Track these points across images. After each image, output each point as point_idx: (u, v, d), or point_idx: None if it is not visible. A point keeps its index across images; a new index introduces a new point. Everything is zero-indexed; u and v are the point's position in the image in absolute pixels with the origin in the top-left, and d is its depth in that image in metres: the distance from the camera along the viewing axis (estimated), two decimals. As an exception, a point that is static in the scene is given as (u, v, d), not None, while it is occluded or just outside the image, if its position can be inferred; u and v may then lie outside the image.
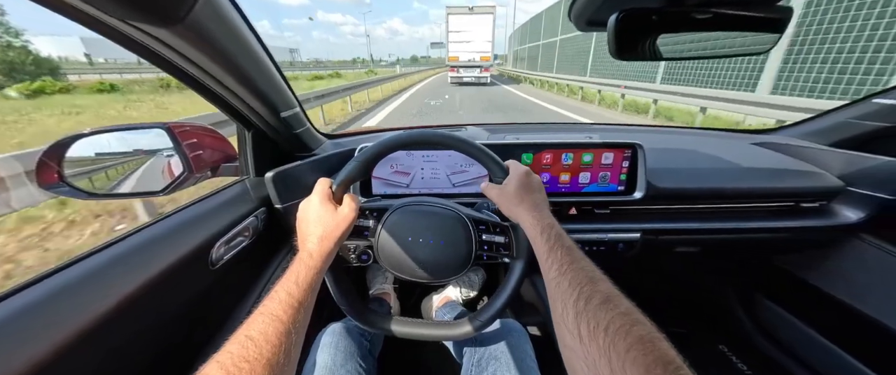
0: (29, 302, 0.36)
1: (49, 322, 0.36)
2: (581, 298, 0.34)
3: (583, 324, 0.32)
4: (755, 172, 0.93)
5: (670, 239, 0.92)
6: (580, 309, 0.33)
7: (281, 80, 0.65)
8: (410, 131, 0.54)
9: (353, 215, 0.49)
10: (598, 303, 0.33)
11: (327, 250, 0.45)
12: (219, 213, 0.63)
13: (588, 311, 0.32)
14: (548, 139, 0.84)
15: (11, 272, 1.88)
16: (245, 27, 0.48)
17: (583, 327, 0.31)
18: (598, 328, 0.30)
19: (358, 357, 0.68)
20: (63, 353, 0.35)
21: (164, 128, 0.65)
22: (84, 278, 0.41)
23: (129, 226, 0.61)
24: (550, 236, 0.43)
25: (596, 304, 0.33)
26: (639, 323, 0.30)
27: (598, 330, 0.30)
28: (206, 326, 0.61)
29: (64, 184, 0.59)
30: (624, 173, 0.85)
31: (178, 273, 0.50)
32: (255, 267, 0.75)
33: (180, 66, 0.45)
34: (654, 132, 1.31)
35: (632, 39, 0.44)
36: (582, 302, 0.33)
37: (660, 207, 0.92)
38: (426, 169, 0.86)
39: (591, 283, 0.35)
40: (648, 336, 0.29)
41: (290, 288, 0.38)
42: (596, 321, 0.31)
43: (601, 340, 0.29)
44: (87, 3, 0.29)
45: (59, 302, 0.38)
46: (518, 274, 0.53)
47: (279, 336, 0.33)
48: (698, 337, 1.24)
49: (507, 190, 0.52)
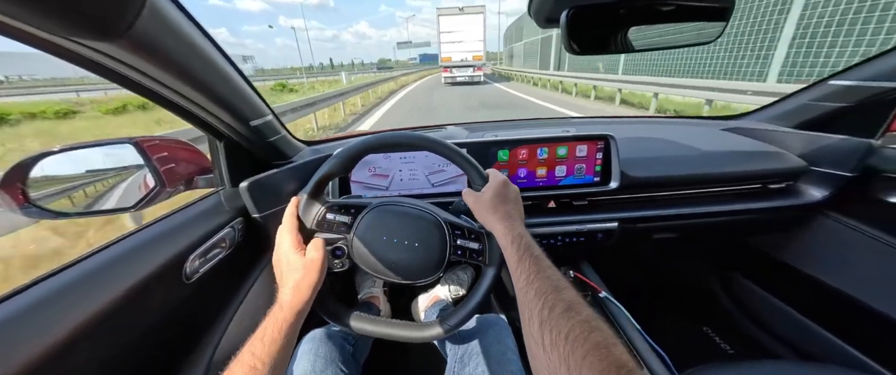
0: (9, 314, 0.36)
1: (8, 344, 0.35)
2: (545, 307, 0.35)
3: (546, 333, 0.32)
4: (725, 157, 0.96)
5: (647, 227, 0.95)
6: (544, 317, 0.34)
7: (247, 89, 0.64)
8: (390, 133, 0.55)
9: (321, 256, 0.49)
10: (561, 312, 0.33)
11: (302, 299, 0.46)
12: (192, 225, 0.63)
13: (551, 320, 0.33)
14: (522, 135, 0.85)
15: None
16: (199, 36, 0.47)
17: (546, 336, 0.32)
18: (560, 336, 0.31)
19: (339, 363, 0.68)
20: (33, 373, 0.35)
21: (132, 143, 0.64)
22: (48, 298, 0.40)
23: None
24: (520, 245, 0.44)
25: (559, 313, 0.33)
26: (596, 330, 0.31)
27: (559, 338, 0.31)
28: (183, 340, 0.61)
29: (31, 205, 0.58)
30: (598, 165, 0.87)
31: (150, 287, 0.50)
32: (234, 279, 0.74)
33: (136, 80, 0.44)
34: (627, 123, 1.34)
35: (583, 34, 0.45)
36: (546, 310, 0.34)
37: (636, 196, 0.94)
38: (404, 170, 0.86)
39: (555, 292, 0.36)
40: (604, 342, 0.30)
41: (255, 347, 0.39)
42: (558, 329, 0.32)
43: (561, 348, 0.30)
44: (20, 21, 0.28)
45: (22, 323, 0.37)
46: (488, 281, 0.54)
47: None
48: (682, 321, 1.27)
49: (483, 198, 0.53)
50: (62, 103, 11.90)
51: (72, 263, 0.47)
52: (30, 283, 0.42)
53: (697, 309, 1.32)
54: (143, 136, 0.66)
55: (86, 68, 0.39)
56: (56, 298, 0.41)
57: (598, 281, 0.94)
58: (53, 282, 0.42)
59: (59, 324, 0.39)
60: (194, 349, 0.61)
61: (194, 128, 0.66)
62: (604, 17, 0.45)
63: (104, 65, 0.39)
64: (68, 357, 0.39)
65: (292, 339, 0.43)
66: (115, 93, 15.02)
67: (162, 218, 0.63)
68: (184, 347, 0.60)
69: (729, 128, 1.15)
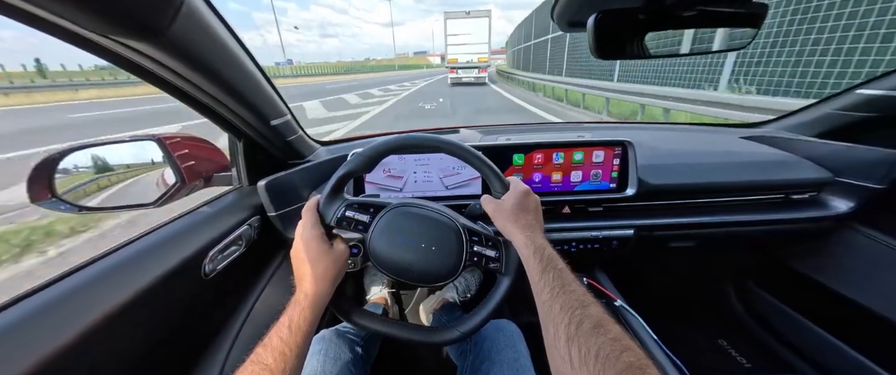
0: (12, 321, 0.36)
1: (35, 337, 0.36)
2: (572, 323, 0.34)
3: (574, 349, 0.32)
4: (745, 166, 0.94)
5: (664, 235, 0.93)
6: (571, 333, 0.33)
7: (269, 89, 0.65)
8: (412, 134, 0.55)
9: (343, 250, 0.51)
10: (589, 328, 0.33)
11: (323, 291, 0.46)
12: (212, 223, 0.63)
13: (579, 336, 0.33)
14: (538, 139, 0.85)
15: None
16: (229, 37, 0.48)
17: (574, 352, 0.32)
18: (589, 354, 0.31)
19: (350, 364, 0.68)
20: (52, 367, 0.35)
21: (155, 140, 0.65)
22: (73, 292, 0.41)
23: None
24: (543, 258, 0.44)
25: (587, 329, 0.33)
26: (628, 350, 0.30)
27: (588, 356, 0.30)
28: (201, 336, 0.61)
29: (56, 198, 0.59)
30: (615, 170, 0.85)
31: (171, 283, 0.50)
32: (249, 276, 0.75)
33: (166, 78, 0.45)
34: (644, 129, 1.32)
35: (611, 39, 0.44)
36: (573, 326, 0.34)
37: (653, 203, 0.92)
38: (419, 172, 0.86)
39: (581, 307, 0.35)
40: (637, 363, 0.29)
41: (282, 332, 0.39)
42: (587, 346, 0.31)
43: (591, 365, 0.30)
44: (66, 20, 0.29)
45: (49, 316, 0.38)
46: (504, 290, 0.54)
47: None
48: (698, 332, 1.25)
49: (503, 206, 0.53)
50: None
51: (98, 257, 0.48)
52: (58, 277, 0.43)
53: (713, 320, 1.29)
54: (165, 133, 0.67)
55: (121, 66, 0.40)
56: (81, 292, 0.42)
57: (612, 289, 0.93)
58: (80, 277, 0.43)
59: (83, 318, 0.40)
60: (212, 344, 0.61)
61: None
62: (632, 21, 0.44)
63: (139, 64, 0.40)
64: (91, 350, 0.40)
65: (314, 330, 0.43)
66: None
67: (183, 214, 0.64)
68: (202, 342, 0.60)
69: (748, 136, 1.12)
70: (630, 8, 0.44)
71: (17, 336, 0.35)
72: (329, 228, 0.53)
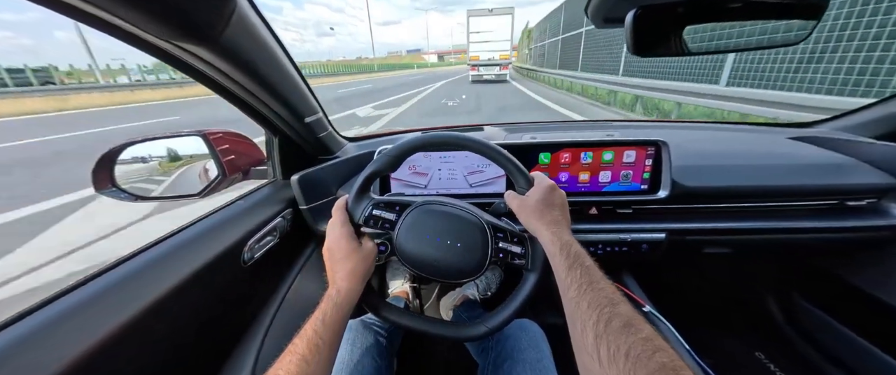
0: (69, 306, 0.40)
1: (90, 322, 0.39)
2: (601, 320, 0.33)
3: (603, 347, 0.31)
4: (794, 168, 0.87)
5: (698, 240, 0.88)
6: (600, 331, 0.33)
7: (305, 88, 0.68)
8: (438, 133, 0.56)
9: (373, 247, 0.53)
10: (619, 327, 0.32)
11: (355, 286, 0.48)
12: (250, 214, 0.67)
13: (608, 334, 0.32)
14: (565, 137, 0.83)
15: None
16: (273, 40, 0.51)
17: (603, 350, 0.31)
18: (619, 352, 0.30)
19: (374, 353, 0.70)
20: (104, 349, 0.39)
21: (201, 135, 0.69)
22: (129, 277, 0.45)
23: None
24: (570, 254, 0.43)
25: (616, 328, 0.32)
26: (661, 350, 0.29)
27: (618, 355, 0.30)
28: (239, 320, 0.65)
29: (116, 188, 0.65)
30: (647, 171, 0.82)
31: (215, 270, 0.54)
32: (282, 266, 0.79)
33: (214, 78, 0.48)
34: (679, 128, 1.25)
35: (652, 35, 0.43)
36: (602, 324, 0.33)
37: (687, 206, 0.88)
38: (443, 169, 0.87)
39: (611, 305, 0.35)
40: (671, 364, 0.28)
41: (317, 326, 0.41)
42: (616, 345, 0.31)
43: (621, 364, 0.29)
44: (134, 25, 0.32)
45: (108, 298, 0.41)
46: (530, 286, 0.53)
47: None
48: (733, 343, 1.18)
49: (528, 202, 0.52)
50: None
51: (150, 245, 0.52)
52: (115, 263, 0.47)
53: (749, 331, 1.21)
54: (210, 129, 0.71)
55: (177, 67, 0.43)
56: (134, 279, 0.46)
57: (641, 294, 0.89)
58: (134, 263, 0.47)
59: (137, 302, 0.43)
60: (250, 328, 0.65)
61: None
62: (672, 16, 0.42)
63: (193, 65, 0.43)
64: (143, 333, 0.43)
65: (345, 324, 0.45)
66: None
67: (224, 205, 0.68)
68: (240, 326, 0.64)
69: (797, 137, 1.04)
70: (671, 2, 0.42)
71: (78, 317, 0.39)
72: (357, 226, 0.54)
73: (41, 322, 0.37)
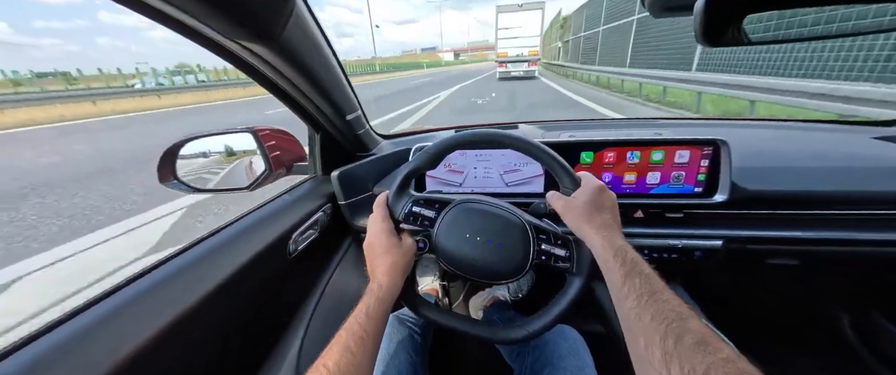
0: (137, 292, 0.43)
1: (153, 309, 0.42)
2: (669, 336, 0.31)
3: (674, 366, 0.29)
4: (879, 172, 0.76)
5: (761, 249, 0.80)
6: (669, 348, 0.30)
7: (347, 85, 0.69)
8: (479, 130, 0.55)
9: (413, 244, 0.53)
10: (692, 344, 0.29)
11: (396, 281, 0.48)
12: (294, 208, 0.70)
13: (679, 352, 0.29)
14: (610, 136, 0.78)
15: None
16: (324, 40, 0.53)
17: (674, 369, 0.29)
18: (694, 373, 0.27)
19: (409, 348, 0.71)
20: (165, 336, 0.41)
21: (251, 132, 0.73)
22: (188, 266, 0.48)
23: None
24: (625, 261, 0.40)
25: (689, 345, 0.29)
26: (746, 374, 0.26)
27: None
28: (285, 311, 0.69)
29: (176, 180, 0.71)
30: (702, 173, 0.76)
31: (263, 260, 0.57)
32: (322, 259, 0.82)
33: (269, 77, 0.51)
34: (741, 126, 1.14)
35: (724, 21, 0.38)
36: (671, 340, 0.30)
37: (747, 212, 0.80)
38: (479, 168, 0.86)
39: (679, 320, 0.32)
40: None
41: (361, 319, 0.41)
42: (690, 365, 0.28)
43: None
44: (203, 23, 0.34)
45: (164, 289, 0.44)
46: (575, 291, 0.51)
47: (350, 367, 0.36)
48: (802, 366, 1.06)
49: (574, 203, 0.49)
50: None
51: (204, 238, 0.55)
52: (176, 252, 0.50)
53: (819, 351, 1.09)
54: (258, 126, 0.75)
55: (237, 66, 0.46)
56: (193, 268, 0.49)
57: (694, 306, 0.83)
58: (193, 253, 0.51)
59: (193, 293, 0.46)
60: (293, 318, 0.68)
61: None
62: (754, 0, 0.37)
63: (251, 64, 0.45)
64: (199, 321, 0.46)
65: (386, 318, 0.46)
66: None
67: (270, 200, 0.72)
68: (285, 316, 0.68)
69: (884, 137, 0.91)
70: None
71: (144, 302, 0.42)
72: (397, 222, 0.55)
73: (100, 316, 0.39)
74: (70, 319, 0.37)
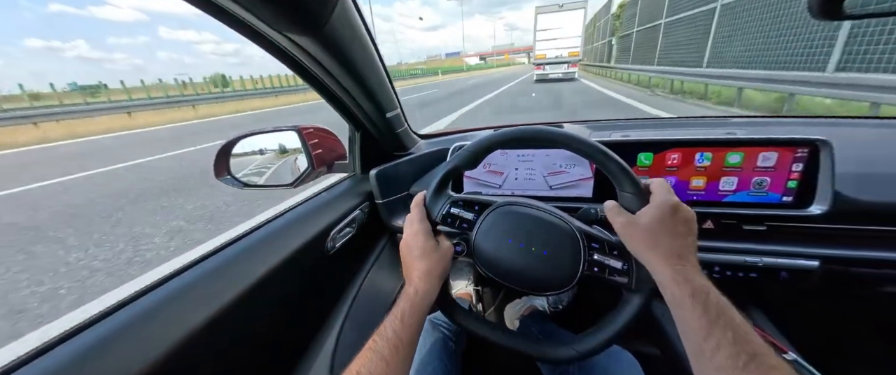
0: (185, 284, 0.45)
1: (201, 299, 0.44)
2: None
3: None
4: None
5: (870, 274, 0.65)
6: None
7: (388, 82, 0.69)
8: (522, 128, 0.50)
9: (451, 247, 0.50)
10: None
11: (432, 286, 0.46)
12: (333, 205, 0.71)
13: None
14: (675, 135, 0.69)
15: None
16: (367, 35, 0.52)
17: None
18: None
19: (442, 354, 0.68)
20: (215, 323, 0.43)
21: (296, 130, 0.76)
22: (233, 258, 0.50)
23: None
24: (708, 306, 0.32)
25: None
26: None
27: None
28: (322, 306, 0.70)
29: (230, 176, 0.75)
30: (794, 179, 0.63)
31: (303, 256, 0.58)
32: (358, 257, 0.82)
33: (313, 71, 0.51)
34: (830, 124, 0.96)
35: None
36: None
37: (850, 227, 0.66)
38: (521, 168, 0.80)
39: None
40: None
41: (396, 325, 0.40)
42: None
43: None
44: (249, 13, 0.35)
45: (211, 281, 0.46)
46: (634, 310, 0.44)
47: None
48: None
49: (638, 222, 0.40)
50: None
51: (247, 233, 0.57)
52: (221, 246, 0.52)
53: None
54: (303, 125, 0.77)
55: (281, 60, 0.47)
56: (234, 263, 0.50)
57: (779, 337, 0.70)
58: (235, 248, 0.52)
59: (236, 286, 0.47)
60: (330, 315, 0.69)
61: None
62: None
63: (296, 58, 0.46)
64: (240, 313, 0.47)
65: (422, 324, 0.44)
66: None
67: (310, 197, 0.73)
68: (322, 312, 0.69)
69: None
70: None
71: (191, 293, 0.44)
72: (434, 224, 0.52)
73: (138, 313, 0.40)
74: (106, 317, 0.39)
